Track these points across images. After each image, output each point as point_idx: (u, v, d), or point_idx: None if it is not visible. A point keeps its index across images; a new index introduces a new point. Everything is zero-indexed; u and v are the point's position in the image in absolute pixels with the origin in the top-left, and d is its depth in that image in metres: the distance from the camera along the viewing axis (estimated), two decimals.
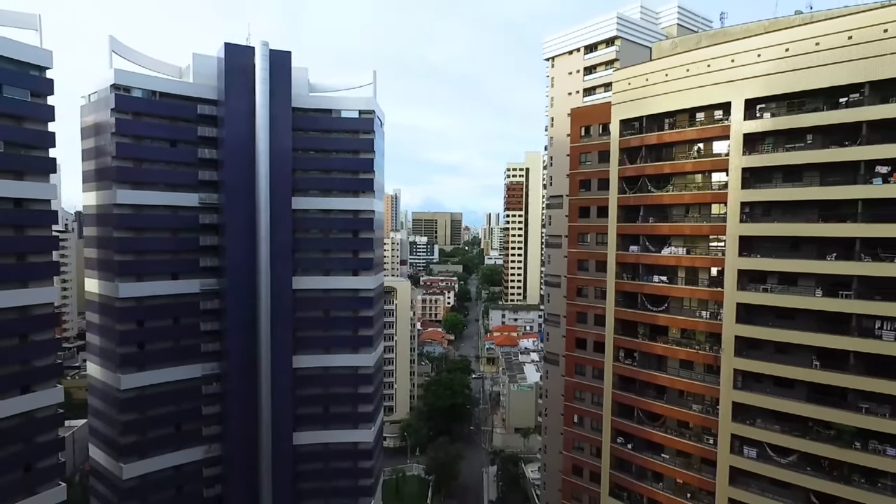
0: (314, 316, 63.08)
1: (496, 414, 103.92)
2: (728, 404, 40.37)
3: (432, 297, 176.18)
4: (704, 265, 41.90)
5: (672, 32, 63.42)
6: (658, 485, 45.38)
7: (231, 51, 55.49)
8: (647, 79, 44.86)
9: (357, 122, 64.05)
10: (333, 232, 64.37)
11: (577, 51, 63.50)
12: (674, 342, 44.04)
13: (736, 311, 39.70)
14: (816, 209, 36.87)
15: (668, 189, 44.21)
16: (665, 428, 44.78)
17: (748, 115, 39.26)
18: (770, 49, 37.69)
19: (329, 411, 64.19)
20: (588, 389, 50.70)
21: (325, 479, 63.76)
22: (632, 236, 46.39)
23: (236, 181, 56.11)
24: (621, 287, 46.93)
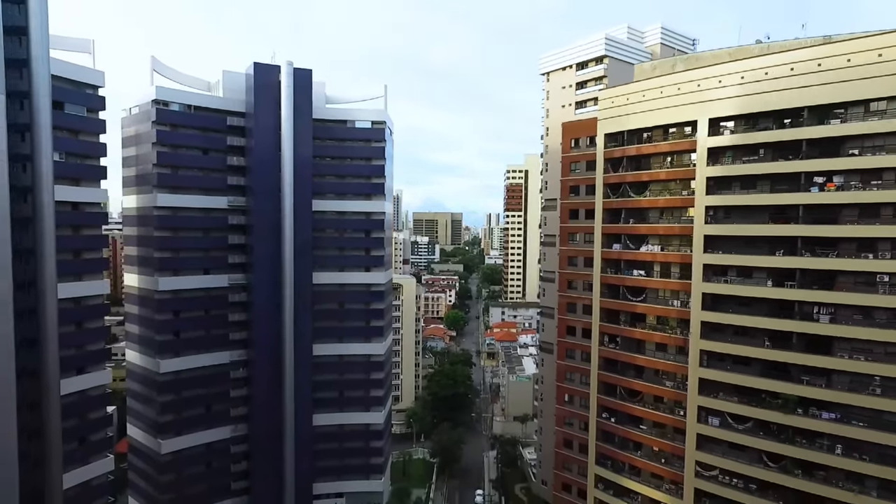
0: (330, 308, 70.07)
1: (496, 404, 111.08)
2: (695, 380, 47.43)
3: (434, 294, 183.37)
4: (676, 260, 48.95)
5: (656, 51, 70.54)
6: (637, 453, 52.46)
7: (259, 69, 62.51)
8: (627, 98, 51.96)
9: (369, 132, 71.18)
10: (348, 231, 71.45)
11: (570, 67, 70.60)
12: (650, 328, 51.13)
13: (702, 300, 46.78)
14: (767, 213, 43.94)
15: (646, 194, 51.32)
16: (643, 403, 51.87)
17: (712, 131, 46.36)
18: (729, 76, 44.79)
19: (343, 395, 71.18)
20: (577, 371, 57.84)
21: (340, 457, 70.73)
22: (615, 235, 53.50)
23: (264, 186, 63.08)
24: (605, 280, 54.04)
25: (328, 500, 70.52)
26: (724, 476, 46.52)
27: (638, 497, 52.46)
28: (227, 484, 65.68)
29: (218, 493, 64.82)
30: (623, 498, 53.53)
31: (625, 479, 53.15)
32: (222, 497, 65.22)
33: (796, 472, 42.30)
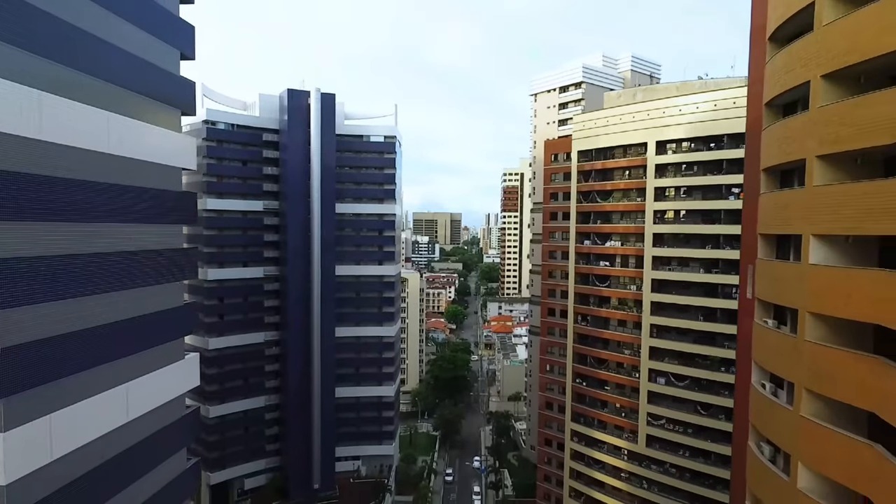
0: (349, 296, 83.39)
1: (492, 387, 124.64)
2: (647, 348, 60.86)
3: (435, 290, 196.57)
4: (632, 253, 62.37)
5: (627, 76, 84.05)
6: (604, 409, 65.89)
7: (292, 94, 75.89)
8: (595, 123, 65.44)
9: (382, 145, 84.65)
10: (364, 230, 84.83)
11: (554, 90, 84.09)
12: (613, 307, 64.58)
13: (651, 284, 60.22)
14: (700, 216, 57.37)
15: (610, 200, 64.79)
16: (608, 368, 65.30)
17: (659, 151, 59.79)
18: (670, 109, 58.28)
19: (360, 371, 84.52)
20: (556, 345, 71.33)
21: (357, 425, 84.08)
22: (586, 234, 66.94)
23: (295, 192, 76.39)
24: (578, 270, 67.47)
25: (347, 461, 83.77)
26: (668, 423, 59.94)
27: (605, 445, 65.90)
28: (262, 446, 78.98)
29: (255, 453, 78.14)
30: (593, 447, 66.96)
31: (594, 431, 66.59)
32: (258, 457, 78.54)
33: (720, 417, 55.74)
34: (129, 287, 22.67)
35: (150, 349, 24.28)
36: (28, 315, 17.72)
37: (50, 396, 18.51)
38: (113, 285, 21.82)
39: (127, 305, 22.44)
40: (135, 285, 23.08)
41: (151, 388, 24.11)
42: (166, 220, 26.07)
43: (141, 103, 23.95)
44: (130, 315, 22.64)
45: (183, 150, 27.45)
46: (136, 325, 23.19)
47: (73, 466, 19.57)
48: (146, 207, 24.19)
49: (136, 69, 23.79)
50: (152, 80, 24.94)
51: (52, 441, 18.74)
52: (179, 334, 27.23)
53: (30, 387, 17.80)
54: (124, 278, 22.47)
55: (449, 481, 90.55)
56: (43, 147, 18.69)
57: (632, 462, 62.89)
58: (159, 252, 25.16)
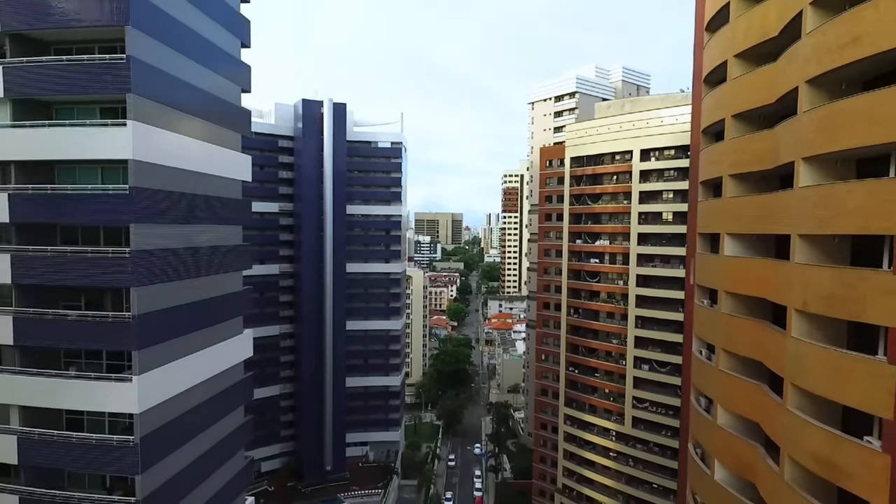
0: (358, 292, 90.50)
1: (492, 380, 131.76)
2: (632, 338, 67.85)
3: (437, 289, 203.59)
4: (619, 251, 69.39)
5: (618, 86, 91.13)
6: (594, 394, 72.94)
7: (306, 104, 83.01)
8: (586, 132, 72.53)
9: (389, 151, 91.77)
10: (372, 230, 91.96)
11: (550, 99, 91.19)
12: (602, 301, 71.58)
13: (636, 280, 67.25)
14: (680, 217, 64.38)
15: (599, 203, 71.86)
16: (598, 357, 72.30)
17: (643, 158, 66.83)
18: (654, 120, 65.34)
19: (368, 362, 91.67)
20: (551, 336, 78.42)
21: (365, 413, 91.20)
22: (577, 233, 73.97)
23: (309, 194, 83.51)
24: (571, 267, 74.53)
25: (356, 447, 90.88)
26: (652, 406, 66.94)
27: (595, 428, 72.92)
28: (277, 431, 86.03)
29: (271, 438, 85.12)
30: (585, 430, 73.98)
31: (586, 415, 73.63)
32: (274, 442, 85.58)
33: None
34: (213, 273, 29.81)
35: (224, 322, 31.46)
36: (155, 290, 24.84)
37: (166, 352, 25.61)
38: (206, 271, 28.98)
39: (212, 287, 29.57)
40: (217, 272, 30.22)
41: (225, 352, 31.23)
42: (233, 221, 33.34)
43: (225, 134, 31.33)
44: (214, 295, 29.79)
45: (243, 166, 34.77)
46: (217, 302, 30.33)
47: (178, 405, 26.59)
48: (224, 212, 31.43)
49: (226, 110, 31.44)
50: (230, 116, 32.42)
51: (167, 384, 25.80)
52: (241, 312, 34.39)
53: (155, 343, 24.89)
54: (211, 266, 29.59)
55: (451, 466, 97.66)
56: (178, 173, 26.22)
57: (619, 442, 69.87)
58: (229, 247, 32.39)
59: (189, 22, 27.25)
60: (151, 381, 24.50)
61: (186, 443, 27.53)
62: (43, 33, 24.19)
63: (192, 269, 27.56)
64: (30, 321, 24.27)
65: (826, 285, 19.06)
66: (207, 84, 29.46)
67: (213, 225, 30.07)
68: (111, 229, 25.19)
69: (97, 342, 24.29)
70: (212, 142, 29.99)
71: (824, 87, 20.10)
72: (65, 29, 23.42)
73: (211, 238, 29.57)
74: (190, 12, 27.33)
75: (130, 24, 22.86)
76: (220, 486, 31.05)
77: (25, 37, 24.25)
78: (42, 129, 23.80)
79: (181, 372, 26.66)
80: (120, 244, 24.82)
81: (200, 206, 28.53)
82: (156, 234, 24.82)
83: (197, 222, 28.10)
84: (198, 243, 28.06)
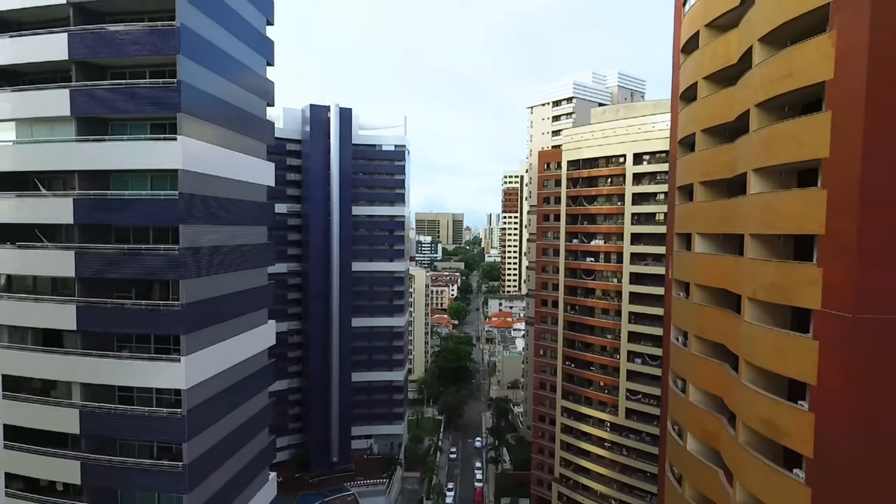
0: (363, 290, 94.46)
1: (492, 377, 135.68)
2: (626, 333, 71.77)
3: (438, 288, 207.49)
4: (613, 250, 73.31)
5: (614, 91, 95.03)
6: (590, 387, 76.89)
7: (314, 109, 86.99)
8: (582, 136, 76.47)
9: (393, 154, 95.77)
10: (376, 231, 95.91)
11: (548, 104, 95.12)
12: (597, 298, 75.53)
13: (629, 278, 71.17)
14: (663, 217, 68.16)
15: (594, 204, 75.80)
16: (593, 351, 76.27)
17: (636, 161, 70.74)
18: (646, 125, 69.25)
19: (373, 358, 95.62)
20: (548, 332, 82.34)
21: (370, 407, 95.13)
22: (574, 233, 77.92)
23: (316, 196, 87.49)
24: (568, 265, 78.47)
25: (361, 440, 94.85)
26: (644, 398, 70.83)
27: (590, 419, 76.84)
28: (285, 424, 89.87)
29: (279, 430, 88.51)
30: (580, 421, 77.92)
31: (582, 407, 77.56)
32: (282, 434, 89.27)
33: None
34: (244, 268, 33.77)
35: (252, 313, 35.41)
36: (198, 283, 28.80)
37: (206, 337, 29.54)
38: (238, 266, 32.94)
39: (243, 280, 33.53)
40: (246, 267, 34.19)
41: (253, 339, 35.15)
42: (260, 221, 37.34)
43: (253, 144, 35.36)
44: (244, 287, 33.78)
45: (268, 172, 38.74)
46: (247, 294, 34.29)
47: (216, 384, 30.49)
48: (252, 213, 35.44)
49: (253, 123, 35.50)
50: (257, 127, 36.47)
51: (208, 365, 29.72)
52: (267, 304, 38.33)
53: (198, 329, 28.85)
54: (242, 262, 33.56)
55: (453, 458, 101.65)
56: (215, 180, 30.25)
57: (613, 433, 73.80)
58: (256, 245, 36.41)
59: (225, 46, 31.18)
60: (195, 361, 28.44)
61: (222, 418, 31.45)
62: (103, 60, 28.15)
63: (228, 264, 31.51)
64: (91, 309, 28.20)
65: (769, 276, 23.04)
66: (239, 100, 33.43)
67: (244, 225, 34.06)
68: (158, 229, 29.15)
69: (150, 327, 28.24)
70: (242, 151, 33.97)
71: (770, 110, 24.06)
72: (123, 57, 27.38)
73: (242, 237, 33.53)
74: (226, 38, 31.25)
75: (181, 53, 26.81)
76: (249, 460, 35.00)
77: (88, 63, 28.18)
78: (104, 143, 27.74)
79: (218, 355, 30.60)
80: (166, 242, 28.81)
81: (233, 208, 32.48)
82: (199, 233, 28.75)
83: (231, 223, 32.03)
84: (232, 241, 32.02)
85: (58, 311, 28.13)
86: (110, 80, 28.97)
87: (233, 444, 32.79)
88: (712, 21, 29.41)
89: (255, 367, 35.76)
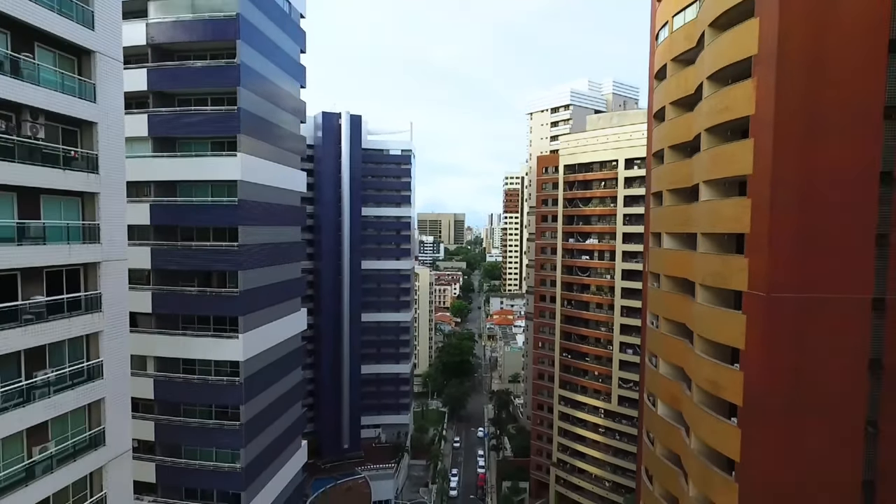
0: (371, 287, 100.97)
1: (494, 372, 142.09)
2: (618, 325, 78.21)
3: (441, 287, 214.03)
4: (607, 249, 79.75)
5: (609, 98, 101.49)
6: (585, 376, 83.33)
7: (326, 116, 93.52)
8: (577, 142, 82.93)
9: (400, 158, 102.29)
10: (384, 231, 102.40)
11: (546, 110, 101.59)
12: (592, 293, 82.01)
13: (621, 274, 77.60)
14: None
15: (589, 206, 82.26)
16: (588, 343, 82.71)
17: (627, 166, 77.18)
18: (635, 133, 75.67)
19: (380, 351, 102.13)
20: (546, 325, 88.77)
21: (378, 398, 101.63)
22: (570, 233, 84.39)
23: (327, 198, 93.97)
24: (564, 263, 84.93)
25: (370, 429, 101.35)
26: (635, 385, 77.20)
27: (585, 406, 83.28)
28: None
29: None
30: (576, 408, 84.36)
31: (577, 395, 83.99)
32: None
33: None
34: (283, 262, 40.35)
35: (289, 301, 41.94)
36: (252, 274, 35.30)
37: (257, 319, 36.01)
38: (281, 260, 39.49)
39: (283, 273, 40.07)
40: (286, 261, 40.74)
41: (290, 323, 41.66)
42: (294, 222, 43.93)
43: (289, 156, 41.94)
44: (284, 279, 40.35)
45: (300, 180, 45.29)
46: (286, 284, 40.82)
47: (263, 359, 37.02)
48: (288, 215, 41.98)
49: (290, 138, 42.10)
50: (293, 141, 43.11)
51: (258, 343, 36.19)
52: (301, 293, 44.91)
53: (251, 312, 35.36)
54: (283, 257, 40.10)
55: (457, 447, 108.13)
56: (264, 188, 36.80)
57: (607, 419, 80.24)
58: (291, 242, 42.98)
59: (272, 77, 37.67)
60: (250, 339, 34.95)
61: (267, 388, 37.94)
62: (175, 90, 34.66)
63: (272, 258, 38.00)
64: (164, 295, 34.68)
65: (713, 266, 29.51)
66: (280, 120, 39.97)
67: (283, 225, 40.60)
68: (217, 229, 35.64)
69: (215, 310, 34.75)
70: (282, 162, 40.50)
71: (716, 134, 30.51)
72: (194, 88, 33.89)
73: (282, 235, 40.08)
74: (273, 69, 37.77)
75: (241, 85, 33.31)
76: (287, 426, 41.47)
77: (163, 93, 34.64)
78: (176, 158, 34.22)
79: (265, 334, 37.14)
80: (224, 240, 35.32)
81: (276, 211, 38.99)
82: (252, 232, 35.24)
83: (274, 223, 38.55)
84: (275, 239, 38.55)
85: (137, 298, 34.58)
86: (177, 106, 35.52)
87: (275, 410, 39.26)
88: (676, 56, 35.88)
89: (291, 347, 42.29)
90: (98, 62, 22.22)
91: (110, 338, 23.33)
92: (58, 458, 21.21)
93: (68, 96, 21.12)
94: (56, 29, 20.40)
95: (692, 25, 33.52)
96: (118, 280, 23.73)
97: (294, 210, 44.15)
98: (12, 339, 19.10)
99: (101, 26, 22.29)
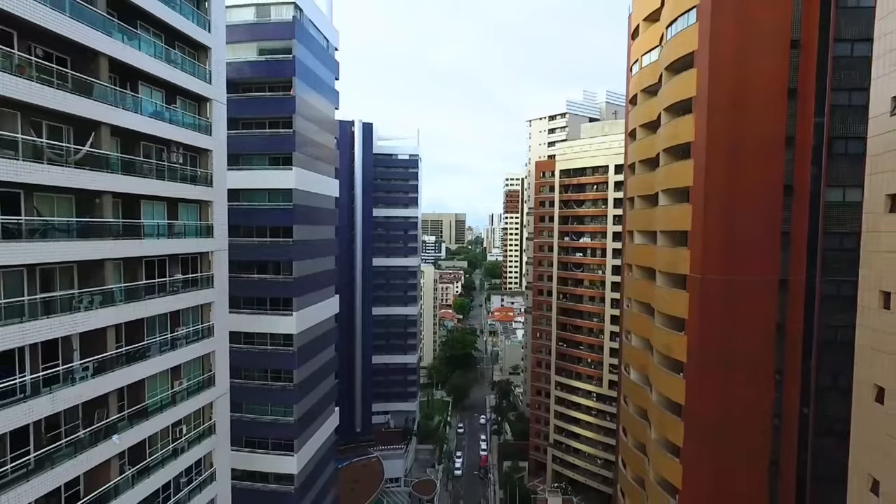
0: (381, 283, 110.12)
1: (495, 364, 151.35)
2: (608, 316, 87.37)
3: (443, 285, 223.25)
4: (598, 247, 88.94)
5: (603, 107, 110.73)
6: (579, 363, 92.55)
7: (341, 124, 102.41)
8: (572, 149, 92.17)
9: (407, 162, 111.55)
10: (392, 230, 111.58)
11: (544, 118, 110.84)
12: (585, 287, 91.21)
13: (611, 269, 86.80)
14: None
15: (583, 207, 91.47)
16: (582, 332, 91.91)
17: (616, 171, 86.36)
18: (622, 141, 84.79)
19: (389, 342, 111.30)
20: (544, 317, 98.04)
21: (387, 386, 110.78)
22: (565, 232, 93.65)
23: (343, 199, 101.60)
24: (560, 260, 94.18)
25: (380, 415, 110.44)
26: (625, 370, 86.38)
27: (580, 391, 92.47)
28: None
29: None
30: (571, 393, 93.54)
31: (572, 381, 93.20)
32: None
33: None
34: (322, 256, 49.64)
35: (326, 288, 51.21)
36: (302, 264, 44.51)
37: (305, 301, 45.24)
38: (321, 254, 48.75)
39: (322, 264, 49.37)
40: (324, 255, 50.04)
41: (327, 306, 50.92)
42: (330, 223, 53.19)
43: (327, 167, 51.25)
44: (323, 269, 49.68)
45: (335, 187, 54.55)
46: (324, 274, 50.13)
47: (309, 335, 46.28)
48: (327, 217, 51.26)
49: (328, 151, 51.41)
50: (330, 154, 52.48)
51: (306, 320, 45.41)
52: (335, 282, 54.17)
53: (302, 295, 44.60)
54: (322, 251, 49.37)
55: (461, 432, 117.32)
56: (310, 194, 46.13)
57: (599, 402, 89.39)
58: (328, 239, 52.28)
59: (315, 103, 46.88)
60: (300, 316, 44.19)
61: (311, 359, 47.16)
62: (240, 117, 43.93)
63: (315, 252, 47.23)
64: (235, 281, 43.80)
65: (667, 257, 38.77)
66: (321, 137, 49.24)
67: (323, 225, 49.87)
68: (273, 227, 44.81)
69: (275, 293, 43.97)
70: (321, 173, 49.76)
71: (671, 153, 39.78)
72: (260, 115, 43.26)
73: (321, 233, 49.33)
74: (316, 97, 47.03)
75: (296, 112, 42.52)
76: (324, 393, 50.73)
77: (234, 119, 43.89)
78: (241, 171, 43.39)
79: (310, 314, 46.44)
80: (279, 236, 44.51)
81: (318, 213, 48.21)
82: (302, 230, 44.48)
83: (317, 223, 47.82)
84: (317, 236, 47.81)
85: None
86: (241, 128, 44.75)
87: (317, 378, 48.48)
88: (645, 88, 45.19)
89: (328, 327, 51.59)
90: (213, 107, 31.42)
91: (218, 307, 32.52)
92: (189, 391, 30.35)
93: (197, 133, 30.30)
94: (191, 86, 29.57)
95: (656, 65, 42.83)
96: (222, 265, 32.93)
97: (330, 212, 53.38)
98: (170, 302, 28.29)
99: (216, 80, 31.49)
